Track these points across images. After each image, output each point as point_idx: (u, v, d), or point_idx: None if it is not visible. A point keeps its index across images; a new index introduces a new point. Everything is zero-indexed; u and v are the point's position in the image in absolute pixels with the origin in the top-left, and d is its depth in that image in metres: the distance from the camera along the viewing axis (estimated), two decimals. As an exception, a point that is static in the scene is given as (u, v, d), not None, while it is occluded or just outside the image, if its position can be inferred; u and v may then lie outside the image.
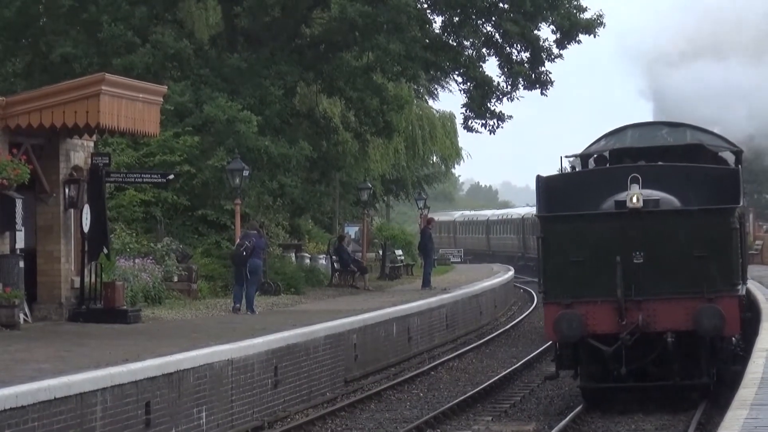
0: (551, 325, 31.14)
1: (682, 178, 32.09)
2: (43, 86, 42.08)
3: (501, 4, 65.95)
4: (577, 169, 38.23)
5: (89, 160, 41.64)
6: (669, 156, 34.34)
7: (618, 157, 35.64)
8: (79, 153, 41.36)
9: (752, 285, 43.82)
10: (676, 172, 32.62)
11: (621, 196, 30.55)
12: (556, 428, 29.35)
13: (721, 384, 31.64)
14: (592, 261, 30.94)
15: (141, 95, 41.31)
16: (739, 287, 31.38)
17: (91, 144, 41.89)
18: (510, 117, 67.19)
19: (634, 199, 29.82)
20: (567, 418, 30.57)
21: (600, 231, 31.23)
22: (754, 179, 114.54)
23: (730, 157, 37.33)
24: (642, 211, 30.23)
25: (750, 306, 40.89)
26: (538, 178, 32.91)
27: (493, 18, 66.56)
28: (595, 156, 37.40)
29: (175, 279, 50.57)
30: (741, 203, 31.86)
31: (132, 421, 26.52)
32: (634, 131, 36.70)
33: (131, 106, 40.10)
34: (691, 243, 30.48)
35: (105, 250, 41.61)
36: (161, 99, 43.66)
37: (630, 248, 30.58)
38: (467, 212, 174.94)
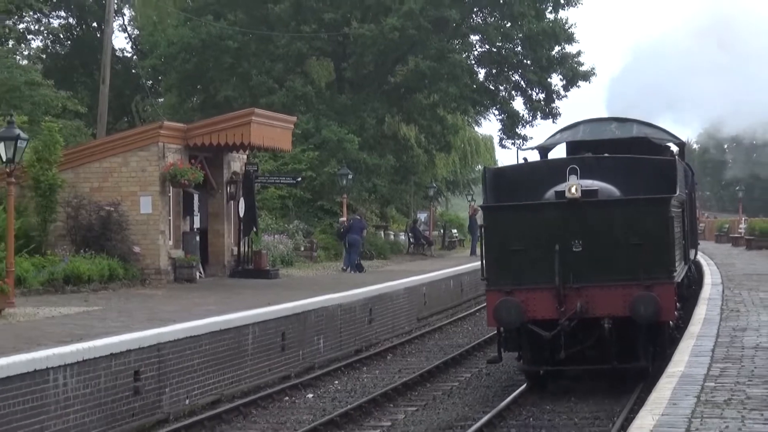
0: (491, 311, 22.93)
1: (623, 169, 24.39)
2: (212, 117, 42.26)
3: (525, 61, 66.16)
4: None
5: (243, 167, 41.84)
6: (616, 148, 26.91)
7: (573, 149, 28.45)
8: (237, 162, 41.54)
9: (699, 255, 42.10)
10: (617, 164, 24.85)
11: (561, 187, 22.98)
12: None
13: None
14: (532, 250, 22.86)
15: (278, 123, 41.49)
16: (676, 274, 23.19)
17: (245, 156, 42.04)
18: (531, 138, 68.09)
19: (573, 190, 22.34)
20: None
21: (540, 220, 23.05)
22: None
23: (675, 149, 30.35)
24: (580, 201, 22.43)
25: (699, 278, 35.33)
26: (485, 170, 25.33)
27: (520, 70, 66.91)
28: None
29: (302, 249, 50.70)
30: (677, 192, 23.80)
31: (272, 346, 26.67)
32: (586, 126, 29.51)
33: (272, 130, 40.26)
34: (627, 232, 22.59)
35: (254, 229, 41.82)
36: (292, 126, 43.89)
37: (569, 237, 22.58)
38: None
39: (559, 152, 29.33)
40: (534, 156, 30.59)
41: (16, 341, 20.06)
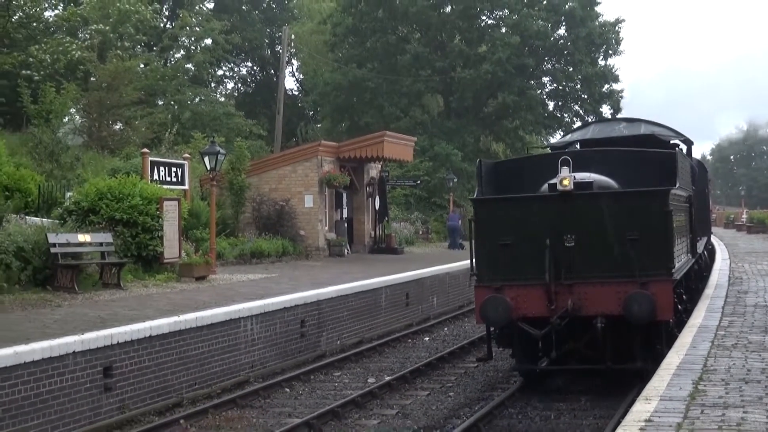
0: (478, 309, 16.34)
1: (622, 163, 17.77)
2: (356, 138, 42.47)
3: (583, 95, 65.60)
4: None
5: (378, 173, 41.96)
6: (624, 145, 19.89)
7: (584, 146, 20.95)
8: (374, 170, 41.65)
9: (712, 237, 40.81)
10: (616, 157, 18.08)
11: (554, 180, 16.33)
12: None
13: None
14: (522, 244, 16.17)
15: (403, 142, 41.58)
16: (675, 271, 16.09)
17: (379, 165, 42.17)
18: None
19: (564, 182, 15.85)
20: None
21: (530, 214, 16.32)
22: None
23: (683, 147, 22.44)
24: (573, 193, 15.87)
25: (711, 258, 30.04)
26: (479, 163, 18.47)
27: (579, 102, 66.29)
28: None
29: (420, 232, 50.76)
30: (677, 185, 16.87)
31: (399, 302, 26.66)
32: (596, 126, 22.83)
33: (398, 147, 40.35)
34: (623, 226, 15.78)
35: (386, 218, 41.94)
36: (413, 143, 43.98)
37: (561, 231, 15.94)
38: None
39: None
40: None
41: (218, 298, 20.34)
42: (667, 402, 9.24)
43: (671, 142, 21.41)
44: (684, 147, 22.58)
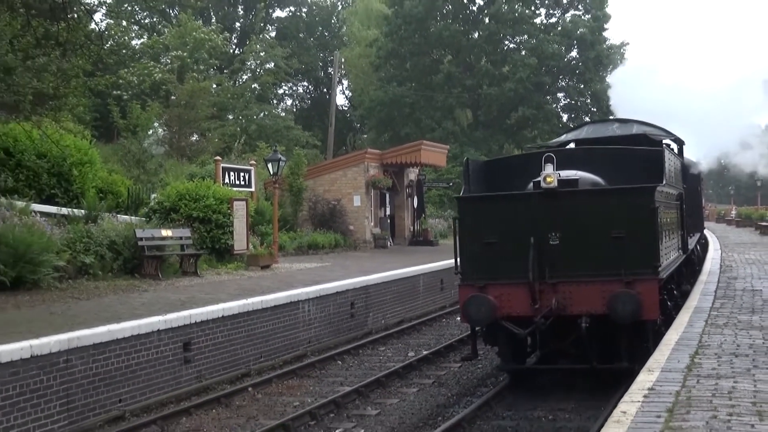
0: (462, 308, 14.11)
1: (610, 161, 14.94)
2: (397, 146, 42.43)
3: (593, 108, 65.09)
4: None
5: (417, 177, 41.90)
6: (615, 144, 17.01)
7: (577, 146, 18.25)
8: (412, 174, 41.57)
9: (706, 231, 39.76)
10: (604, 155, 15.22)
11: (539, 177, 13.85)
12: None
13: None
14: (507, 243, 13.78)
15: (438, 149, 41.45)
16: (661, 269, 13.52)
17: (417, 170, 42.10)
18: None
19: (548, 179, 13.48)
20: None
21: (515, 212, 13.83)
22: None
23: (675, 147, 19.99)
24: (557, 191, 13.48)
25: (704, 251, 27.92)
26: (467, 161, 15.27)
27: (589, 114, 65.76)
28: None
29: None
30: (664, 182, 14.31)
31: (434, 287, 26.62)
32: (590, 127, 19.94)
33: (434, 154, 40.25)
34: (608, 223, 13.34)
35: (423, 215, 41.85)
36: (446, 151, 43.76)
37: (545, 229, 13.56)
38: None
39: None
40: None
41: (280, 284, 20.41)
42: (667, 373, 9.20)
43: (663, 141, 18.91)
44: (675, 146, 20.27)
